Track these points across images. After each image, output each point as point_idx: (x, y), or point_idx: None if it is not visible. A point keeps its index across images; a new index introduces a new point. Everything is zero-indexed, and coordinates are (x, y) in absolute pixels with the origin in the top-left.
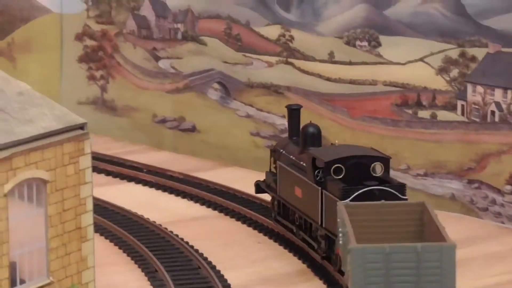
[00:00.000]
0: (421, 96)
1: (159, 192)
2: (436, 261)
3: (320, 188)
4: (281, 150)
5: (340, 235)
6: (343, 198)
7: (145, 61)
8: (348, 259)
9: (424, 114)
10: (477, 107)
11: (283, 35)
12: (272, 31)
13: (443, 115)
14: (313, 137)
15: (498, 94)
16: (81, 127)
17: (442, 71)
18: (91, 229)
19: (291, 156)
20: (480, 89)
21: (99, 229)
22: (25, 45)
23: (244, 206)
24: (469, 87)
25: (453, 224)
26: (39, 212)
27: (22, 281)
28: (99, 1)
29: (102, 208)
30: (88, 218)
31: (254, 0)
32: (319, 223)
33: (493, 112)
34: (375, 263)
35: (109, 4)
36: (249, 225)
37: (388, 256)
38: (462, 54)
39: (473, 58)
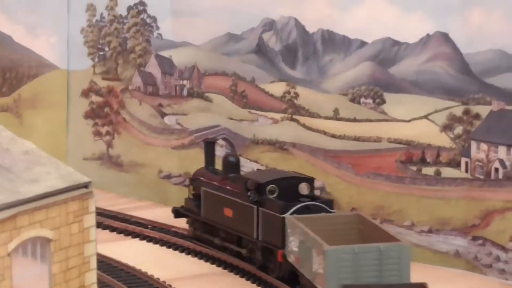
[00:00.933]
0: (425, 153)
1: (164, 248)
2: (396, 257)
3: (256, 206)
4: (202, 178)
5: (296, 243)
6: (283, 213)
7: (151, 117)
8: (323, 261)
9: (428, 171)
10: (481, 164)
11: (288, 92)
12: (278, 88)
13: (447, 172)
14: (233, 165)
15: (501, 151)
16: (86, 185)
17: (446, 128)
18: (94, 287)
19: (214, 182)
20: (484, 146)
21: (103, 286)
22: (32, 101)
23: (249, 262)
24: (473, 144)
25: (457, 281)
26: (43, 270)
27: None
28: (105, 58)
29: (106, 265)
30: (92, 276)
31: (260, 57)
32: (255, 237)
33: (496, 169)
34: (346, 262)
35: (116, 60)
36: (253, 282)
37: (357, 255)
38: (466, 112)
39: (477, 116)
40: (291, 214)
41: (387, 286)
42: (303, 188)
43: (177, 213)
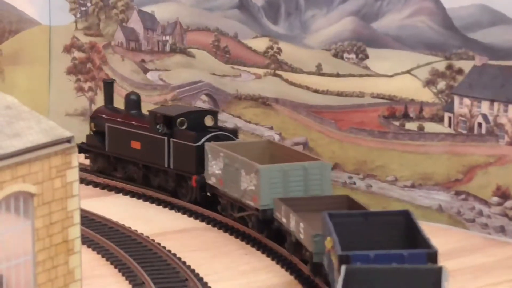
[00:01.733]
0: (408, 108)
1: (147, 203)
2: (318, 174)
3: (166, 138)
4: (103, 116)
5: (219, 167)
6: (195, 142)
7: (134, 73)
8: (255, 179)
9: (411, 126)
10: (464, 119)
11: (271, 48)
12: (260, 44)
13: (430, 127)
14: (135, 102)
15: (484, 106)
16: (68, 140)
17: (429, 83)
18: (78, 242)
19: (118, 119)
20: (467, 101)
21: (86, 241)
22: (13, 57)
23: (231, 217)
24: (456, 99)
25: (440, 236)
26: (26, 225)
27: None
28: (87, 13)
29: (89, 220)
30: (75, 231)
31: (243, 12)
32: (166, 166)
33: (480, 124)
34: (277, 178)
35: (98, 16)
36: (236, 237)
37: (286, 172)
38: (449, 67)
39: (460, 71)
40: (203, 142)
41: (312, 198)
42: (208, 120)
43: (81, 149)
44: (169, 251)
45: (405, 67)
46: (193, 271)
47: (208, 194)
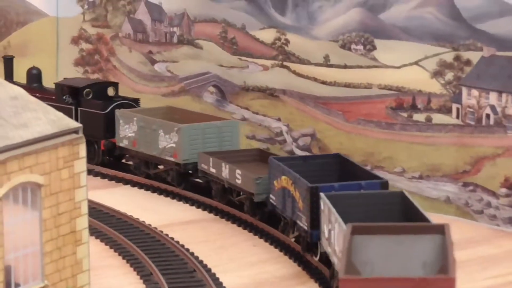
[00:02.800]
0: (416, 99)
1: (155, 195)
2: (229, 131)
3: (73, 107)
4: None
5: (133, 130)
6: (103, 110)
7: (141, 65)
8: (176, 137)
9: (419, 117)
10: (472, 110)
11: (279, 39)
12: (268, 35)
13: (438, 118)
14: (36, 76)
15: (492, 97)
16: (76, 131)
17: (437, 74)
18: (86, 232)
19: None
20: (475, 92)
21: (94, 232)
22: (21, 49)
23: (240, 209)
24: (464, 91)
25: None
26: (33, 216)
27: (17, 285)
28: (95, 5)
29: (97, 211)
30: (83, 222)
31: (250, 4)
32: None
33: (488, 115)
34: (196, 136)
35: (105, 7)
36: (244, 228)
37: (203, 130)
38: (457, 58)
39: (468, 62)
40: (111, 110)
41: (232, 151)
42: (111, 91)
43: None
44: (177, 242)
45: (412, 58)
46: (201, 262)
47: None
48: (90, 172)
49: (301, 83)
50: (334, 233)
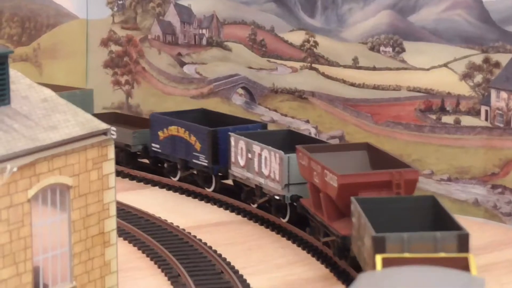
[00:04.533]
0: (445, 102)
1: (183, 196)
2: (79, 102)
3: None
4: None
5: None
6: None
7: (170, 67)
8: None
9: (448, 119)
10: (500, 112)
11: (308, 41)
12: (297, 37)
13: (467, 120)
14: None
15: None
16: (105, 133)
17: (466, 76)
18: (114, 234)
19: None
20: (504, 94)
21: (122, 233)
22: (51, 51)
23: (268, 211)
24: (493, 93)
25: (476, 230)
26: (62, 217)
27: (46, 286)
28: (124, 7)
29: (126, 213)
30: (111, 223)
31: (279, 6)
32: None
33: None
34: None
35: (135, 10)
36: (272, 230)
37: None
38: (486, 60)
39: (497, 64)
40: None
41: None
42: None
43: None
44: (205, 243)
45: (441, 60)
46: (228, 263)
47: None
48: (118, 173)
49: (330, 85)
50: (260, 159)
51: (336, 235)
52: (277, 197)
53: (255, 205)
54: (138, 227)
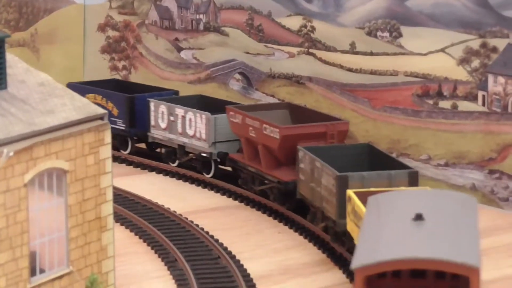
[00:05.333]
0: (442, 87)
1: (181, 182)
2: None
3: None
4: None
5: None
6: None
7: (167, 52)
8: None
9: (445, 104)
10: (498, 97)
11: (305, 26)
12: (294, 22)
13: (464, 105)
14: None
15: None
16: (101, 117)
17: (463, 61)
18: (111, 219)
19: None
20: (501, 79)
21: (119, 218)
22: (49, 36)
23: (265, 196)
24: (490, 78)
25: None
26: (59, 202)
27: (42, 270)
28: None
29: (123, 198)
30: (108, 208)
31: None
32: None
33: None
34: None
35: None
36: (269, 215)
37: None
38: (483, 45)
39: (494, 49)
40: None
41: None
42: None
43: None
44: (202, 229)
45: (439, 45)
46: (225, 248)
47: None
48: (116, 159)
49: (327, 70)
50: (184, 121)
51: (277, 182)
52: (204, 155)
53: (175, 164)
54: (135, 213)
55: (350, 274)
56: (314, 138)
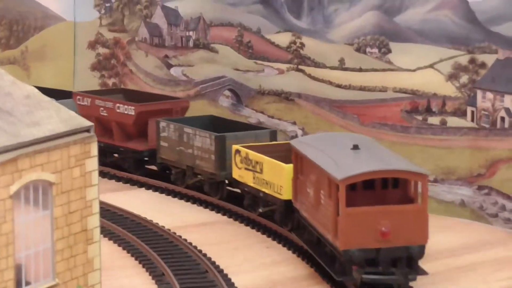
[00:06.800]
0: (431, 103)
1: (169, 197)
2: None
3: None
4: None
5: None
6: None
7: (157, 69)
8: None
9: (434, 120)
10: (486, 113)
11: (294, 42)
12: (283, 39)
13: (453, 121)
14: None
15: (507, 100)
16: (88, 130)
17: (452, 77)
18: (97, 231)
19: None
20: (489, 95)
21: (107, 233)
22: (39, 53)
23: (253, 211)
24: (479, 93)
25: (462, 230)
26: (45, 214)
27: (28, 283)
28: (112, 9)
29: (111, 213)
30: (94, 220)
31: (266, 8)
32: None
33: (502, 118)
34: None
35: (122, 12)
36: (257, 230)
37: None
38: (472, 61)
39: (483, 65)
40: None
41: None
42: None
43: None
44: (190, 243)
45: (427, 61)
46: (213, 263)
47: None
48: (105, 174)
49: (317, 86)
50: None
51: (132, 152)
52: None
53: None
54: (123, 227)
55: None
56: (162, 114)
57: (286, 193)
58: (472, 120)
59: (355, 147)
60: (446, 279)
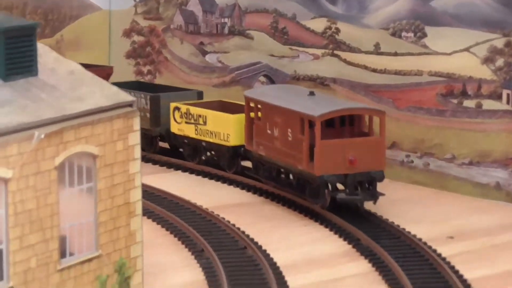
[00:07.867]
0: (466, 86)
1: (206, 179)
2: None
3: None
4: None
5: None
6: None
7: (192, 56)
8: None
9: (469, 103)
10: None
11: (329, 28)
12: (318, 24)
13: (488, 104)
14: None
15: None
16: (130, 104)
17: (487, 60)
18: (139, 204)
19: None
20: None
21: (147, 212)
22: (74, 42)
23: (290, 192)
24: None
25: (498, 211)
26: (88, 186)
27: (71, 254)
28: None
29: (149, 194)
30: (136, 194)
31: None
32: None
33: None
34: None
35: (157, 0)
36: (294, 210)
37: None
38: (508, 44)
39: None
40: None
41: None
42: None
43: None
44: (228, 221)
45: (463, 45)
46: (252, 240)
47: None
48: (142, 158)
49: (352, 71)
50: None
51: None
52: None
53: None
54: (162, 207)
55: (376, 263)
56: None
57: (233, 140)
58: (508, 103)
59: (311, 93)
60: (482, 257)
